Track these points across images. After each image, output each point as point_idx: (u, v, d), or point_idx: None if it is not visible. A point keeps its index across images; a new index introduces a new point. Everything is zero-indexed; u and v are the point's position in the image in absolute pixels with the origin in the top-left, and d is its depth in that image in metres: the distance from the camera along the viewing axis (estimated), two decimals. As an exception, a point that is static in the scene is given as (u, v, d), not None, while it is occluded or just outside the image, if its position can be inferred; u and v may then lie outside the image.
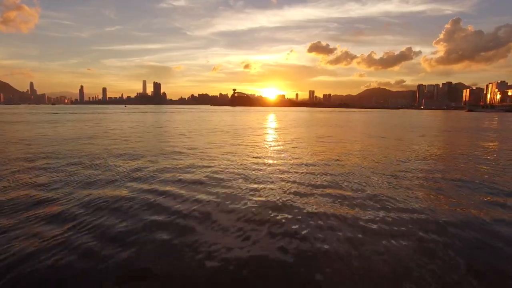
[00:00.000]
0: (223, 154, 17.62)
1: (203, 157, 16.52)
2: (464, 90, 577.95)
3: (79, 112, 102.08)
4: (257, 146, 21.66)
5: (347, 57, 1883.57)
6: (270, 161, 15.69)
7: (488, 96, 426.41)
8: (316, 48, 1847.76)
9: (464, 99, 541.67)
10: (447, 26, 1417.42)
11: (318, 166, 14.49)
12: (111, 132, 30.49)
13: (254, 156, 17.27)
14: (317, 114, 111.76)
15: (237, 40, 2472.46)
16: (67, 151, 18.24)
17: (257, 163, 15.02)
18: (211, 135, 28.45)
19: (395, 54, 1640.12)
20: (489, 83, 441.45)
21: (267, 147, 21.42)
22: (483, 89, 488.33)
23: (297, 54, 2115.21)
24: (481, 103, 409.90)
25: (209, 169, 13.44)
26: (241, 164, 14.71)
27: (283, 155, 17.75)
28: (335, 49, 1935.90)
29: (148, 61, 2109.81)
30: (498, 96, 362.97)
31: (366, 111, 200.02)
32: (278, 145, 22.50)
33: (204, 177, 12.09)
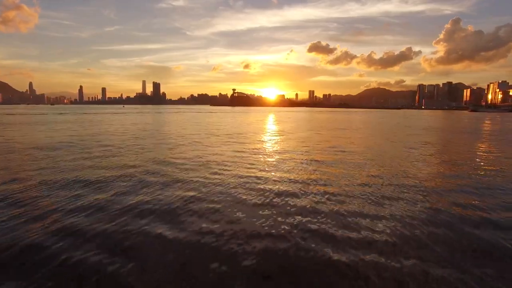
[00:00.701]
0: (217, 176, 14.22)
1: (189, 183, 11.70)
2: (465, 90, 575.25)
3: (72, 112, 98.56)
4: (263, 162, 16.21)
5: (347, 57, 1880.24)
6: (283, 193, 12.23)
7: (490, 96, 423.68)
8: (316, 48, 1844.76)
9: (464, 99, 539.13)
10: (447, 26, 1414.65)
11: (354, 197, 10.44)
12: (90, 139, 27.09)
13: (260, 182, 12.26)
14: (319, 115, 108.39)
15: (237, 40, 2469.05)
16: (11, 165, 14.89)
17: (265, 193, 11.55)
18: (206, 144, 24.65)
19: (395, 54, 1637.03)
20: (490, 83, 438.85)
21: (277, 164, 15.68)
22: (484, 89, 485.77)
23: (296, 54, 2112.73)
24: (482, 103, 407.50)
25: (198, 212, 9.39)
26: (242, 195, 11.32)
27: (300, 178, 12.77)
28: (335, 49, 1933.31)
29: (148, 61, 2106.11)
30: (500, 96, 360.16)
31: (368, 111, 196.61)
32: (291, 160, 17.07)
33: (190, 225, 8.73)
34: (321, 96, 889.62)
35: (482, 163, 16.68)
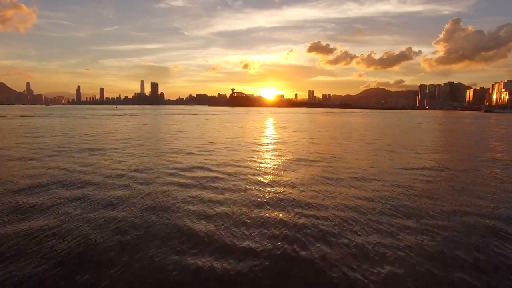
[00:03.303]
0: None
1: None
2: (468, 90, 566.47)
3: (53, 114, 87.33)
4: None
5: (347, 57, 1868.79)
6: None
7: (494, 96, 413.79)
8: (316, 47, 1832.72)
9: (467, 99, 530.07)
10: (447, 26, 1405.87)
11: None
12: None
13: None
14: (323, 117, 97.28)
15: (236, 40, 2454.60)
16: None
17: None
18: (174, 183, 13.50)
19: (395, 54, 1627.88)
20: (495, 82, 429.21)
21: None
22: (488, 88, 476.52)
23: (296, 54, 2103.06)
24: (485, 103, 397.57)
25: None
26: None
27: None
28: (335, 49, 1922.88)
29: (146, 61, 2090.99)
30: (507, 96, 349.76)
31: (372, 112, 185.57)
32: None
33: None
34: (321, 96, 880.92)
35: None
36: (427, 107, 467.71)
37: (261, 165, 17.08)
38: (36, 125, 47.52)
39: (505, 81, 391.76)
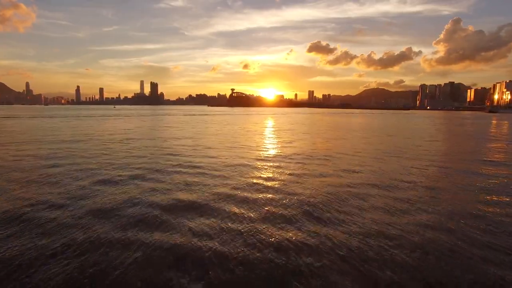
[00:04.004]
0: None
1: None
2: (468, 90, 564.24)
3: (46, 115, 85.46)
4: None
5: (347, 57, 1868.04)
6: None
7: (496, 96, 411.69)
8: (316, 48, 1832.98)
9: (468, 99, 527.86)
10: (447, 26, 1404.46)
11: None
12: None
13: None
14: (327, 118, 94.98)
15: (236, 40, 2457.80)
16: None
17: None
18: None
19: (395, 54, 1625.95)
20: (497, 82, 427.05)
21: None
22: (489, 89, 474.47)
23: (296, 54, 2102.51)
24: (486, 103, 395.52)
25: None
26: None
27: None
28: (335, 49, 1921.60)
29: (146, 61, 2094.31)
30: (509, 97, 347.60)
31: (373, 112, 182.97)
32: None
33: None
34: (321, 97, 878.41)
35: None
36: (428, 107, 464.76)
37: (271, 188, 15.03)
38: (16, 128, 45.55)
39: (507, 81, 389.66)
